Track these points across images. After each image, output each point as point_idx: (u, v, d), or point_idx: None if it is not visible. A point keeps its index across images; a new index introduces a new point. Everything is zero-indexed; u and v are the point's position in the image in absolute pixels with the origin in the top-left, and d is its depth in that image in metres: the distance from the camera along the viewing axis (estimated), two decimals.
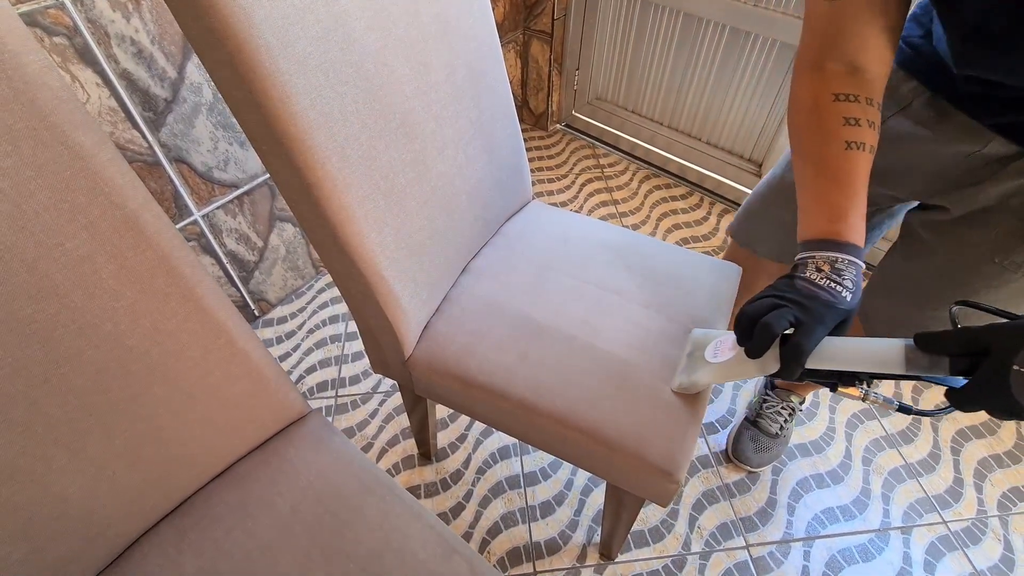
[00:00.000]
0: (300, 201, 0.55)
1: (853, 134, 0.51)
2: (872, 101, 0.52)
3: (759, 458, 1.06)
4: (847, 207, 0.52)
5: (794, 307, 0.49)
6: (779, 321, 0.49)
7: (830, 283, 0.50)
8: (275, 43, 0.45)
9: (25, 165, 0.38)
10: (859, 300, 0.51)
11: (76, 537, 0.48)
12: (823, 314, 0.49)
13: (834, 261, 0.50)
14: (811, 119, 0.54)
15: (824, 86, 0.52)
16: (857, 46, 0.51)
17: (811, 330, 0.48)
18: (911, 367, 0.46)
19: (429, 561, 0.52)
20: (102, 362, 0.45)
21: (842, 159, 0.52)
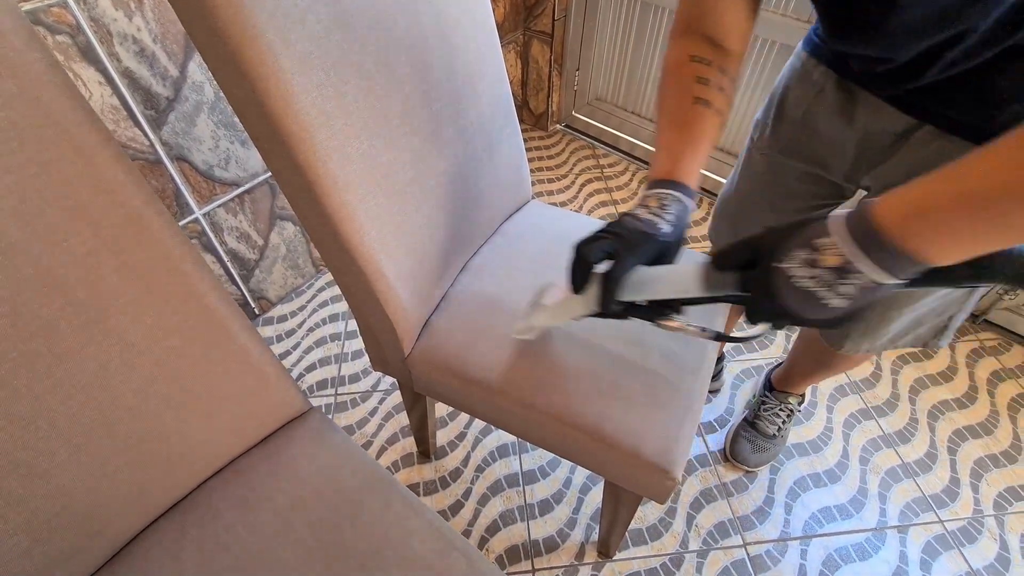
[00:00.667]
0: (301, 199, 0.56)
1: (702, 91, 0.55)
2: (725, 71, 0.56)
3: (756, 458, 1.07)
4: (685, 152, 0.55)
5: (612, 238, 0.51)
6: (594, 251, 0.50)
7: (653, 217, 0.52)
8: (277, 42, 0.45)
9: (30, 162, 0.39)
10: (682, 233, 0.53)
11: (78, 532, 0.48)
12: (637, 244, 0.50)
13: (663, 197, 0.53)
14: (671, 76, 0.58)
15: (684, 49, 0.56)
16: (715, 20, 0.55)
17: (623, 260, 0.49)
18: (708, 287, 0.46)
19: (428, 557, 0.52)
20: (105, 358, 0.45)
21: (689, 112, 0.55)
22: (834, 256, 0.38)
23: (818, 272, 0.39)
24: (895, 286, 0.39)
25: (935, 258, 0.37)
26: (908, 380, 1.23)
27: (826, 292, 0.39)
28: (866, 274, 0.37)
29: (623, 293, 0.50)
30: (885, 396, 1.20)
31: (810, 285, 0.40)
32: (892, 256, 0.36)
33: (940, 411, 1.17)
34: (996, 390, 1.21)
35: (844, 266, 0.38)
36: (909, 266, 0.37)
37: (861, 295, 0.39)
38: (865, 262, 0.37)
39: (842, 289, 0.39)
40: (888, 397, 1.20)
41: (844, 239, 0.38)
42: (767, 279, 0.41)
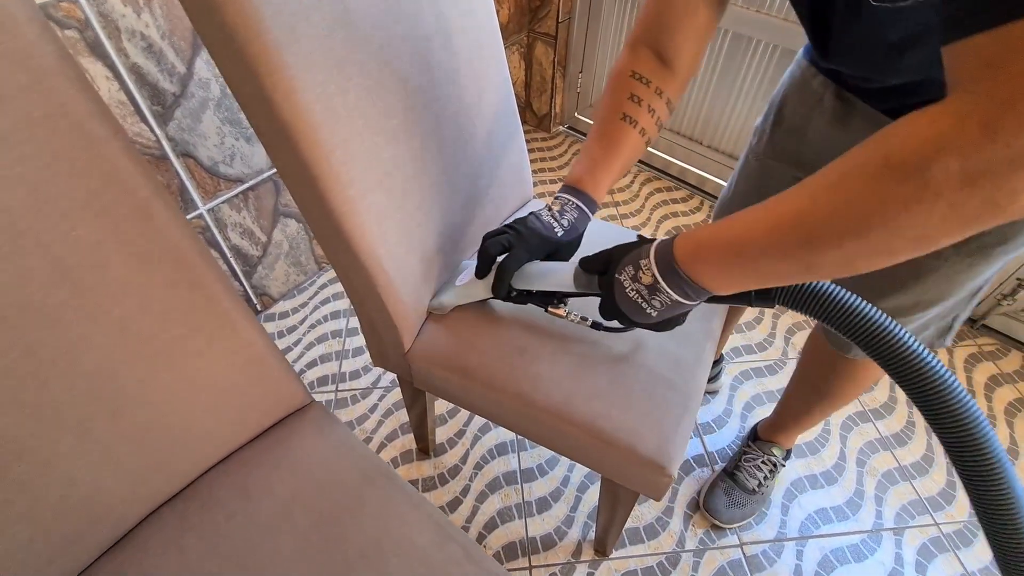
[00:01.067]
0: (304, 194, 0.56)
1: (631, 109, 0.58)
2: (661, 92, 0.58)
3: (730, 513, 0.99)
4: (599, 165, 0.60)
5: (512, 235, 0.60)
6: (494, 244, 0.60)
7: (551, 220, 0.61)
8: (283, 39, 0.46)
9: (43, 151, 0.40)
10: (575, 237, 0.62)
11: (81, 518, 0.49)
12: (532, 242, 0.59)
13: (565, 203, 0.61)
14: (610, 88, 0.61)
15: (629, 63, 0.59)
16: (668, 37, 0.56)
17: (516, 253, 0.59)
18: (578, 285, 0.56)
19: (426, 548, 0.53)
20: (110, 347, 0.46)
21: (614, 126, 0.59)
22: (648, 275, 0.48)
23: (639, 286, 0.49)
24: (694, 304, 0.48)
25: (713, 288, 0.45)
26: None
27: (644, 302, 0.49)
28: (668, 292, 0.46)
29: (515, 281, 0.61)
30: (883, 399, 1.20)
31: (634, 295, 0.49)
32: (683, 281, 0.46)
33: None
34: (993, 394, 1.21)
35: (654, 284, 0.47)
36: (696, 291, 0.46)
37: (669, 307, 0.48)
38: (663, 283, 0.46)
39: (654, 301, 0.48)
40: (886, 400, 1.20)
41: (653, 263, 0.47)
42: (610, 284, 0.51)
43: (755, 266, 0.42)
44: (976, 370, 1.26)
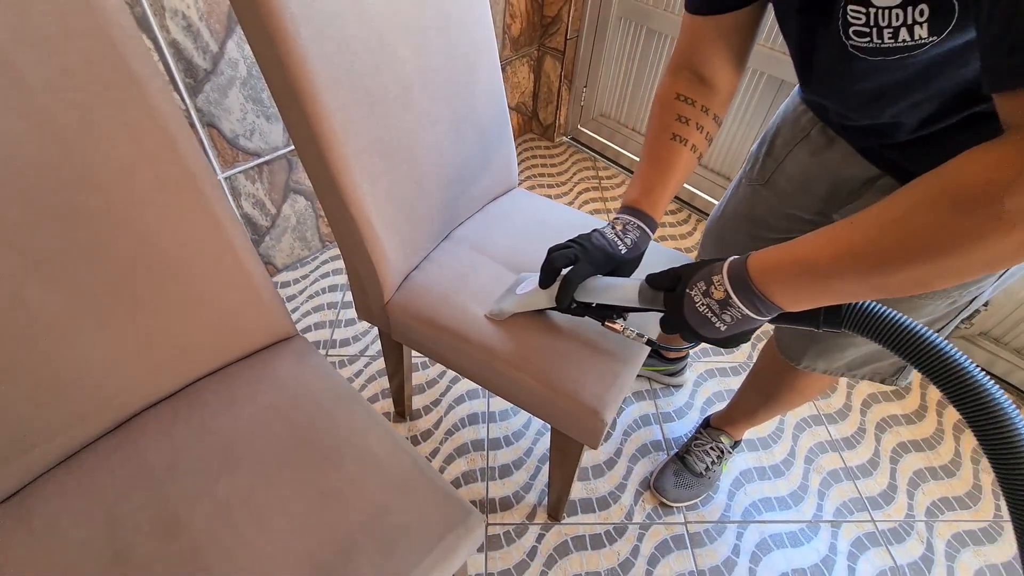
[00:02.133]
0: (308, 151, 0.66)
1: (680, 129, 0.62)
2: (707, 110, 0.62)
3: (677, 493, 1.05)
4: (655, 186, 0.64)
5: (577, 249, 0.63)
6: (561, 257, 0.62)
7: (615, 238, 0.64)
8: (299, 13, 0.56)
9: (96, 83, 0.50)
10: (637, 255, 0.65)
11: (89, 398, 0.58)
12: (597, 257, 0.62)
13: (627, 223, 0.64)
14: (656, 110, 0.65)
15: (673, 86, 0.63)
16: (705, 60, 0.61)
17: (581, 267, 0.61)
18: (642, 300, 0.58)
19: (379, 454, 0.61)
20: (133, 253, 0.56)
21: (665, 147, 0.63)
22: (720, 291, 0.50)
23: (710, 301, 0.51)
24: (763, 320, 0.50)
25: (784, 304, 0.48)
26: (862, 395, 1.30)
27: (714, 317, 0.51)
28: (739, 307, 0.49)
29: (578, 294, 0.63)
30: (838, 406, 1.27)
31: (704, 310, 0.51)
32: (755, 297, 0.48)
33: (888, 424, 1.24)
34: (945, 411, 1.27)
35: (726, 299, 0.50)
36: (767, 307, 0.48)
37: (739, 322, 0.50)
38: (736, 297, 0.49)
39: (725, 316, 0.50)
40: (840, 407, 1.27)
41: (726, 279, 0.50)
42: (679, 300, 0.53)
43: (826, 285, 0.45)
44: (931, 388, 1.32)
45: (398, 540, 0.55)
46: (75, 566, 0.51)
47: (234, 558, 0.52)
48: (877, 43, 0.43)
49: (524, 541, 1.00)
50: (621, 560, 0.99)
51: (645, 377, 1.29)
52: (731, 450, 1.08)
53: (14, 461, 0.54)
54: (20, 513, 0.54)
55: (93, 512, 0.54)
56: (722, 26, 0.59)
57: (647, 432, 1.20)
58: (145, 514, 0.54)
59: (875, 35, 0.43)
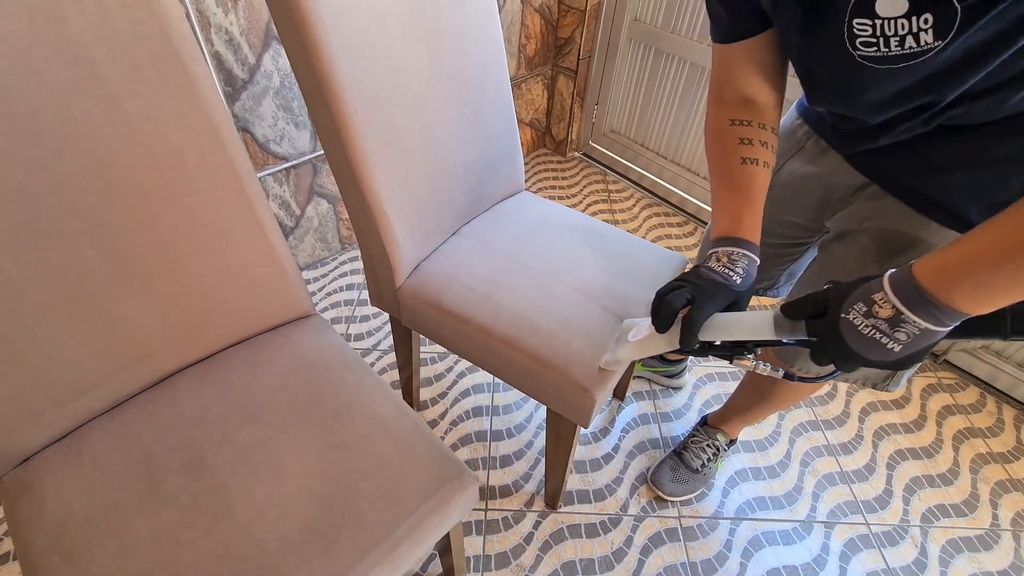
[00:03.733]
0: (331, 143, 0.74)
1: (747, 151, 0.62)
2: (764, 125, 0.63)
3: (673, 487, 1.08)
4: (743, 211, 0.62)
5: (691, 287, 0.59)
6: (677, 298, 0.58)
7: (725, 270, 0.60)
8: (330, 23, 0.65)
9: (157, 77, 0.58)
10: (750, 284, 0.61)
11: (131, 352, 0.66)
12: (714, 293, 0.58)
13: (731, 253, 0.61)
14: (715, 140, 0.65)
15: (723, 114, 0.64)
16: (744, 81, 0.63)
17: (701, 305, 0.57)
18: (779, 332, 0.54)
19: (385, 417, 0.67)
20: (177, 224, 0.64)
21: (739, 172, 0.63)
22: (887, 309, 0.46)
23: (876, 321, 0.46)
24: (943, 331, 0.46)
25: (966, 308, 0.43)
26: (861, 402, 1.31)
27: (885, 337, 0.46)
28: (915, 322, 0.45)
29: (702, 333, 0.58)
30: (836, 412, 1.29)
31: (871, 332, 0.47)
32: (933, 307, 0.44)
33: (886, 432, 1.25)
34: (945, 421, 1.28)
35: (896, 316, 0.45)
36: (949, 315, 0.44)
37: (916, 339, 0.46)
38: (909, 312, 0.45)
39: (898, 335, 0.46)
40: (839, 414, 1.29)
41: (891, 294, 0.46)
42: (835, 327, 0.49)
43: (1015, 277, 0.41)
44: (932, 399, 1.33)
45: (397, 488, 0.60)
46: (116, 494, 0.58)
47: (252, 495, 0.58)
48: (885, 52, 0.45)
49: (521, 527, 1.04)
50: (614, 549, 1.02)
51: (645, 378, 1.33)
52: (727, 448, 1.11)
53: (68, 404, 0.62)
54: (71, 450, 0.62)
55: (132, 452, 0.61)
56: (750, 48, 0.60)
57: (645, 430, 1.23)
58: (176, 455, 0.61)
59: (882, 44, 0.45)
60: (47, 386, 0.60)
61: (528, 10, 1.78)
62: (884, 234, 0.64)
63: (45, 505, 0.58)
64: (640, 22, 1.77)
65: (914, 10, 0.42)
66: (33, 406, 0.59)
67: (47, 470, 0.60)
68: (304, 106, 1.34)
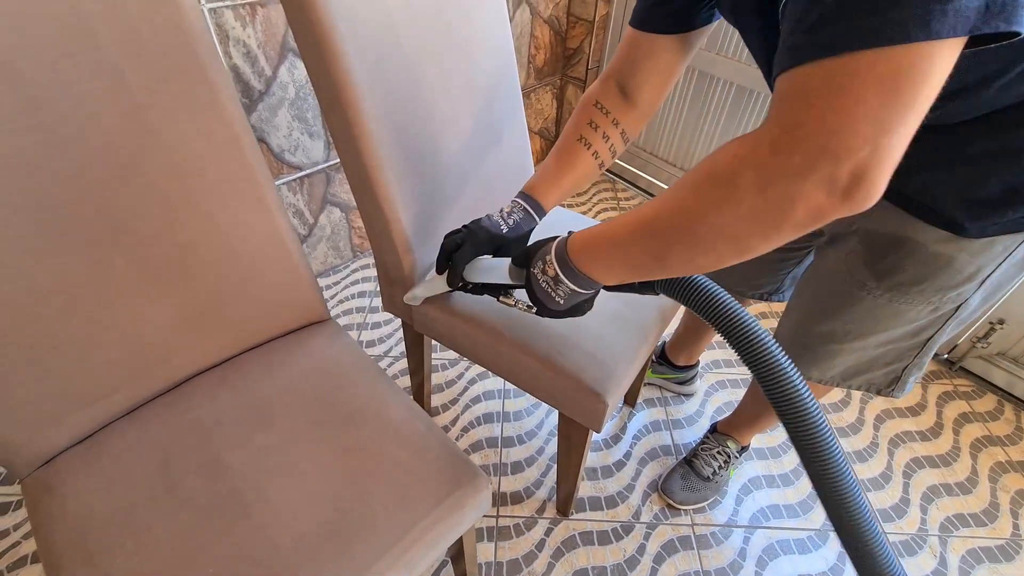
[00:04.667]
0: (346, 149, 0.76)
1: (588, 134, 0.67)
2: (618, 124, 0.66)
3: (683, 496, 1.07)
4: (551, 178, 0.69)
5: (465, 233, 0.68)
6: (451, 241, 0.68)
7: (498, 219, 0.69)
8: (346, 33, 0.67)
9: (181, 88, 0.60)
10: (520, 235, 0.69)
11: (153, 355, 0.67)
12: (481, 239, 0.67)
13: (514, 206, 0.70)
14: (576, 111, 0.70)
15: (596, 93, 0.68)
16: (633, 75, 0.65)
17: (465, 248, 0.67)
18: (512, 278, 0.64)
19: (397, 420, 0.68)
20: (197, 231, 0.65)
21: (571, 146, 0.68)
22: (552, 269, 0.55)
23: (546, 279, 0.56)
24: (590, 293, 0.55)
25: (599, 279, 0.53)
26: (875, 410, 1.30)
27: (553, 292, 0.56)
28: (566, 283, 0.54)
29: (467, 275, 0.69)
30: (851, 419, 1.27)
31: (546, 287, 0.57)
32: (575, 274, 0.53)
33: (902, 440, 1.24)
34: (962, 428, 1.26)
35: (556, 276, 0.55)
36: (588, 282, 0.53)
37: (572, 296, 0.56)
38: (563, 275, 0.54)
39: (559, 291, 0.56)
40: (853, 421, 1.27)
41: (554, 259, 0.55)
42: (529, 277, 0.59)
43: (625, 258, 0.49)
44: (948, 406, 1.31)
45: (410, 491, 0.61)
46: (135, 496, 0.59)
47: (267, 497, 0.59)
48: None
49: (533, 534, 1.04)
50: (627, 557, 1.01)
51: (656, 385, 1.32)
52: (738, 455, 1.10)
53: (89, 407, 0.63)
54: (91, 452, 0.63)
55: (151, 454, 0.62)
56: (656, 46, 0.62)
57: (657, 437, 1.22)
58: (193, 457, 0.62)
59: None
60: (69, 390, 0.61)
61: (537, 21, 1.80)
62: (871, 236, 0.64)
63: (66, 506, 0.59)
64: None
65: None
66: (56, 409, 0.61)
67: (68, 472, 0.61)
68: (318, 117, 1.37)
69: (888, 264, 0.62)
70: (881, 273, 0.63)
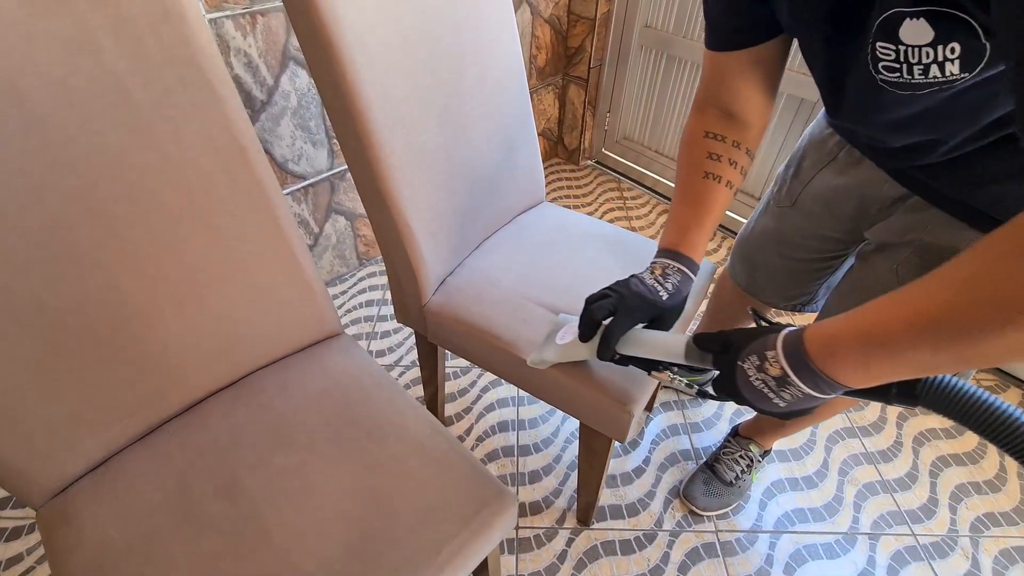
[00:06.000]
0: (357, 162, 0.74)
1: (712, 167, 0.61)
2: (739, 144, 0.61)
3: (707, 501, 1.05)
4: (691, 226, 0.61)
5: (616, 298, 0.58)
6: (600, 309, 0.58)
7: (655, 284, 0.59)
8: (354, 42, 0.65)
9: (188, 102, 0.58)
10: (679, 302, 0.60)
11: (165, 378, 0.65)
12: (637, 307, 0.57)
13: (666, 267, 0.61)
14: (686, 151, 0.64)
15: (700, 124, 0.62)
16: (732, 95, 0.60)
17: (620, 319, 0.57)
18: (689, 358, 0.55)
19: (419, 436, 0.66)
20: (207, 247, 0.64)
21: (699, 186, 0.61)
22: (776, 368, 0.45)
23: (765, 377, 0.46)
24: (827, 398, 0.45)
25: (851, 382, 0.42)
26: (897, 408, 1.27)
27: (772, 393, 0.46)
28: (799, 386, 0.44)
29: (620, 346, 0.59)
30: (872, 419, 1.25)
31: (760, 385, 0.47)
32: (817, 377, 0.43)
33: (926, 438, 1.21)
34: None
35: (784, 377, 0.45)
36: (831, 386, 0.43)
37: (801, 400, 0.45)
38: (795, 376, 0.44)
39: (784, 394, 0.45)
40: (875, 420, 1.25)
41: (781, 355, 0.45)
42: (731, 370, 0.49)
43: (900, 359, 0.39)
44: None
45: (436, 511, 0.59)
46: (153, 522, 0.57)
47: (288, 520, 0.57)
48: (907, 78, 0.43)
49: (554, 544, 1.02)
50: (651, 566, 0.99)
51: (672, 388, 1.30)
52: (761, 459, 1.08)
53: (103, 432, 0.61)
54: (106, 478, 0.61)
55: (167, 478, 0.61)
56: (747, 60, 0.58)
57: (675, 442, 1.20)
58: (211, 480, 0.60)
59: (905, 71, 0.43)
60: (83, 415, 0.59)
61: (538, 21, 1.78)
62: (928, 248, 0.60)
63: (83, 534, 0.57)
64: (651, 28, 1.77)
65: (940, 39, 0.39)
66: (70, 436, 0.59)
67: (84, 499, 0.59)
68: (321, 125, 1.35)
69: None
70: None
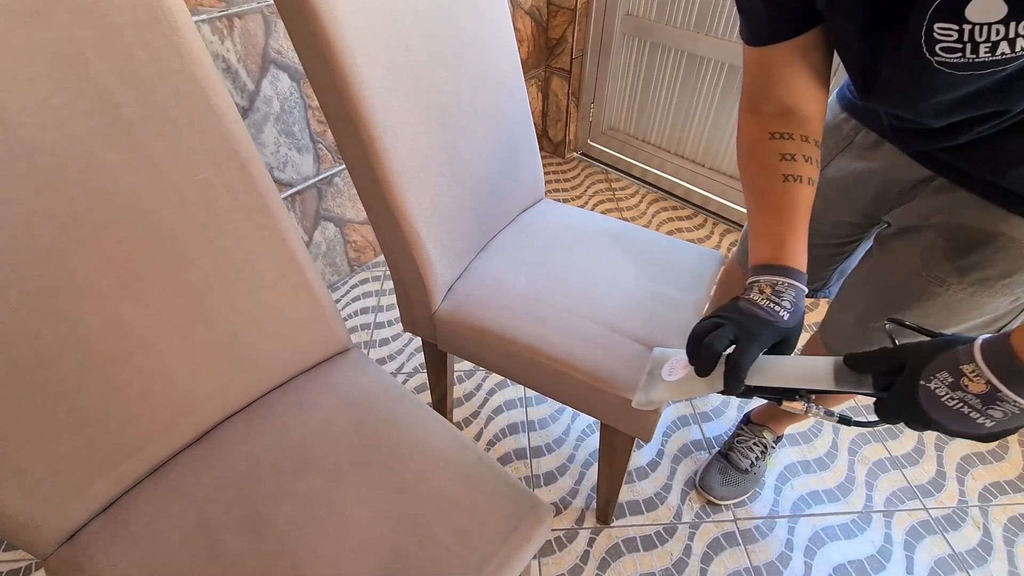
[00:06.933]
0: (359, 167, 0.71)
1: (789, 168, 0.56)
2: (807, 137, 0.57)
3: (724, 491, 1.05)
4: (787, 235, 0.56)
5: (733, 326, 0.52)
6: (719, 340, 0.51)
7: (769, 304, 0.53)
8: (355, 45, 0.62)
9: (183, 116, 0.55)
10: (800, 320, 0.54)
11: (175, 408, 0.62)
12: (759, 332, 0.51)
13: (775, 284, 0.54)
14: (752, 157, 0.59)
15: (760, 126, 0.58)
16: (786, 89, 0.56)
17: (746, 347, 0.50)
18: (840, 383, 0.48)
19: (445, 451, 0.64)
20: (211, 268, 0.60)
21: (781, 191, 0.56)
22: (979, 383, 0.40)
23: (964, 395, 0.40)
24: None
25: None
26: None
27: (976, 413, 0.40)
28: (1015, 400, 0.38)
29: (748, 378, 0.51)
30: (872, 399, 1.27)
31: (958, 405, 0.41)
32: None
33: None
34: None
35: (992, 393, 0.39)
36: None
37: (1015, 417, 0.39)
38: (1007, 389, 0.38)
39: (992, 412, 0.40)
40: None
41: (985, 368, 0.39)
42: (912, 393, 0.43)
43: None
44: None
45: (472, 531, 0.57)
46: (176, 564, 0.54)
47: (319, 550, 0.54)
48: (971, 58, 0.42)
49: (576, 546, 1.01)
50: (675, 560, 0.99)
51: None
52: (774, 445, 1.09)
53: (113, 471, 0.58)
54: (119, 520, 0.57)
55: (185, 515, 0.57)
56: (794, 51, 0.55)
57: (686, 432, 1.20)
58: (233, 515, 0.57)
59: (968, 50, 0.41)
60: (90, 455, 0.56)
61: (519, 13, 1.75)
62: (955, 230, 0.59)
63: None
64: (633, 16, 1.75)
65: (1013, 15, 0.38)
66: (77, 478, 0.55)
67: (97, 545, 0.56)
68: (305, 130, 1.30)
69: (975, 260, 0.58)
70: (966, 268, 0.59)
